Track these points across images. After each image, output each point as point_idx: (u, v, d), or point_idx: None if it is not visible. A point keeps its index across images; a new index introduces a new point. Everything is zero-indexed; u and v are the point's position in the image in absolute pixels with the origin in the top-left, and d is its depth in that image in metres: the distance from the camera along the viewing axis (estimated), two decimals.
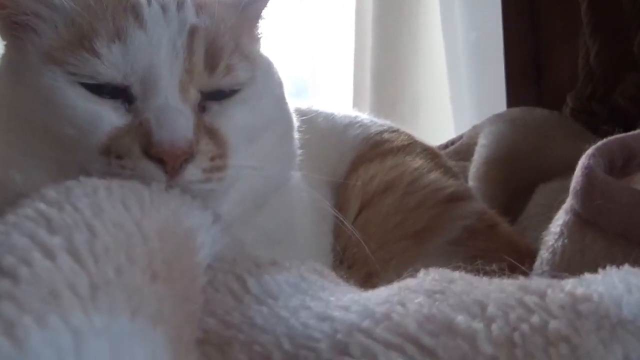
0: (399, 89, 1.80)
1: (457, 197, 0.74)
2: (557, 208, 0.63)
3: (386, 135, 0.82)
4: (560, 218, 0.59)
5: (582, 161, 0.56)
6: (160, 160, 0.50)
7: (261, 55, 0.63)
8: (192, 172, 0.52)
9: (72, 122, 0.52)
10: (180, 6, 0.56)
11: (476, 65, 1.63)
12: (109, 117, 0.52)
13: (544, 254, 0.61)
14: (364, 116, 0.88)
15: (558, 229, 0.58)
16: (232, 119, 0.56)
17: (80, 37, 0.53)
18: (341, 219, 0.63)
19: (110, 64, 0.52)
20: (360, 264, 0.65)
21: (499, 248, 0.71)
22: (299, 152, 0.66)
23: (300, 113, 0.74)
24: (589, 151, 0.57)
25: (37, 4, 0.55)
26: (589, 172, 0.54)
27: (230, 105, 0.56)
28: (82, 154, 0.52)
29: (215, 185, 0.54)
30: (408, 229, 0.69)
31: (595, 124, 1.19)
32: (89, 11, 0.54)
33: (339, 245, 0.68)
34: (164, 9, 0.56)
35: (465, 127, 1.67)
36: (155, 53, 0.53)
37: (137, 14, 0.54)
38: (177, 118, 0.51)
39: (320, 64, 1.96)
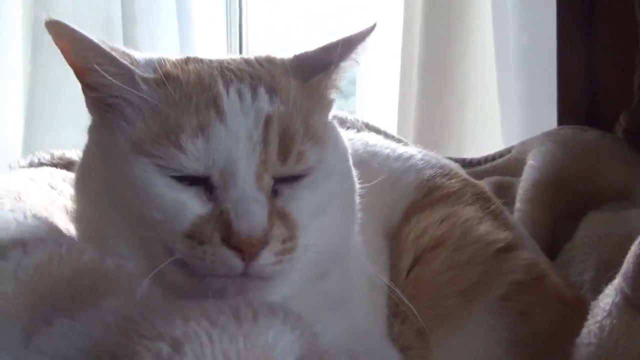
0: (447, 84, 1.79)
1: (507, 249, 0.76)
2: (609, 280, 0.65)
3: (438, 181, 0.84)
4: (610, 296, 0.61)
5: (635, 249, 0.58)
6: (238, 249, 0.55)
7: (329, 128, 0.66)
8: (266, 257, 0.56)
9: (159, 208, 0.57)
10: (254, 93, 0.60)
11: (527, 68, 1.61)
12: (193, 206, 0.57)
13: (591, 326, 0.64)
14: (418, 155, 0.89)
15: (607, 308, 0.61)
16: (302, 202, 0.60)
17: (167, 130, 0.57)
18: (392, 286, 0.66)
19: (194, 159, 0.56)
20: (413, 320, 0.69)
21: (547, 302, 0.74)
22: (359, 214, 0.69)
23: (356, 157, 0.76)
24: None
25: (126, 90, 0.59)
26: None
27: (300, 188, 0.60)
28: (167, 235, 0.57)
29: (285, 266, 0.58)
30: (459, 286, 0.72)
31: None
32: (174, 104, 0.58)
33: (393, 299, 0.72)
34: (240, 97, 0.59)
35: (513, 130, 1.67)
36: (235, 147, 0.57)
37: (217, 107, 0.58)
38: (254, 209, 0.55)
39: (368, 57, 1.95)
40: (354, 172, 0.68)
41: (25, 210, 0.64)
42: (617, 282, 0.61)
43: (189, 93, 0.58)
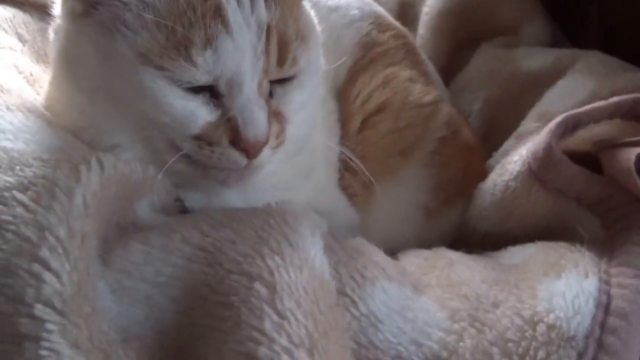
0: None
1: (434, 108, 0.90)
2: (517, 147, 0.83)
3: (374, 35, 0.92)
4: (517, 164, 0.80)
5: (544, 137, 0.75)
6: (244, 150, 0.63)
7: (308, 20, 0.70)
8: (266, 153, 0.65)
9: (169, 114, 0.61)
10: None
11: None
12: (202, 113, 0.62)
13: (498, 181, 0.83)
14: (354, 4, 0.94)
15: (515, 173, 0.80)
16: (293, 101, 0.67)
17: (175, 43, 0.58)
18: (344, 151, 0.77)
19: (204, 71, 0.60)
20: (361, 174, 0.84)
21: (459, 152, 0.92)
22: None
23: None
24: (552, 127, 0.75)
25: None
26: (548, 149, 0.74)
27: (291, 88, 0.67)
28: (175, 136, 0.63)
29: (277, 155, 0.67)
30: (399, 147, 0.87)
31: None
32: (180, 14, 0.58)
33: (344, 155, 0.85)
34: (239, 4, 0.60)
35: None
36: (241, 59, 0.61)
37: (222, 19, 0.59)
38: (259, 116, 0.62)
39: None
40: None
41: (18, 105, 0.63)
42: (525, 154, 0.79)
43: (192, 1, 0.59)
